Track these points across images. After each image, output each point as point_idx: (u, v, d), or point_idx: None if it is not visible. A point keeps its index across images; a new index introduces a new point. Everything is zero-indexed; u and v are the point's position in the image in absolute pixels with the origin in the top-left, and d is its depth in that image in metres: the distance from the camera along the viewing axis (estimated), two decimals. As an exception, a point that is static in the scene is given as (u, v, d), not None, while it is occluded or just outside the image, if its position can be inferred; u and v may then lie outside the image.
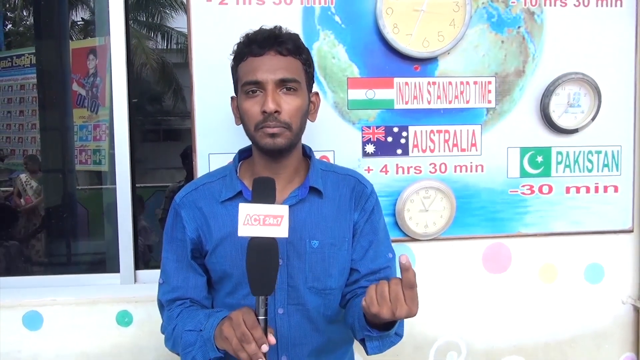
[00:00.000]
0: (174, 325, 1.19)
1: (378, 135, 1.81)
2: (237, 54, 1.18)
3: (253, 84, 1.13)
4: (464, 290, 1.90)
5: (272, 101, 1.11)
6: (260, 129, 1.14)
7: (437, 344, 1.91)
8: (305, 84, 1.19)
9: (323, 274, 1.21)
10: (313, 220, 1.21)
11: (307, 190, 1.21)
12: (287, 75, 1.13)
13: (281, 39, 1.15)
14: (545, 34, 1.84)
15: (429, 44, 1.75)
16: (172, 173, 8.09)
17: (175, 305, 1.23)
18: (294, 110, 1.14)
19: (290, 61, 1.15)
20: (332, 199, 1.24)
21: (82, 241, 3.92)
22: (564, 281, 1.93)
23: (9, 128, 4.09)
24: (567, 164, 1.89)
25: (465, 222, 1.86)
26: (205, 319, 1.13)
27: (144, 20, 11.09)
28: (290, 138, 1.15)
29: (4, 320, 1.78)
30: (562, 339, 1.96)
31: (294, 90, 1.15)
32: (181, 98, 10.76)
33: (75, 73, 3.36)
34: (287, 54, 1.15)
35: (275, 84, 1.12)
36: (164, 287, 1.26)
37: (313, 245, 1.19)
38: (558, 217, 1.90)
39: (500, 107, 1.84)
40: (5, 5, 6.71)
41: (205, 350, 1.10)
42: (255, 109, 1.13)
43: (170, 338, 1.21)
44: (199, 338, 1.11)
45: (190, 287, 1.23)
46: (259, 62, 1.13)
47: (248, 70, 1.14)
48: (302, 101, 1.17)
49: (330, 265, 1.21)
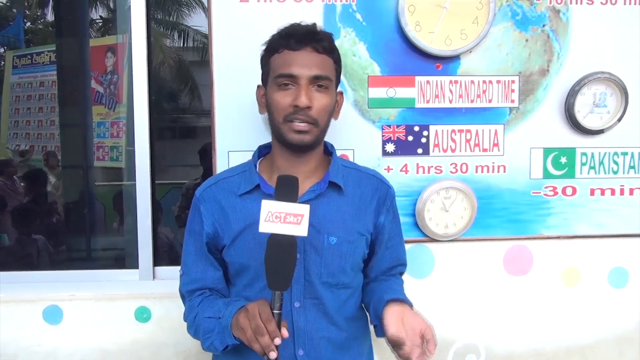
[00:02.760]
0: (195, 314, 1.23)
1: (398, 134, 1.79)
2: (272, 45, 1.20)
3: (287, 76, 1.15)
4: (484, 292, 1.87)
5: (306, 96, 1.13)
6: (288, 122, 1.16)
7: (455, 347, 1.89)
8: (335, 83, 1.22)
9: (338, 270, 1.22)
10: (332, 216, 1.22)
11: (326, 184, 1.23)
12: (321, 72, 1.16)
13: (319, 36, 1.18)
14: (570, 33, 1.80)
15: (451, 42, 1.73)
16: (187, 170, 8.13)
17: (195, 295, 1.27)
18: (323, 107, 1.17)
19: (325, 59, 1.18)
20: (352, 196, 1.26)
21: (100, 237, 3.96)
22: (587, 285, 1.90)
23: (28, 124, 4.15)
24: (592, 165, 1.85)
25: (486, 223, 1.83)
26: (224, 307, 1.16)
27: (161, 18, 11.17)
28: (316, 135, 1.18)
29: (25, 314, 1.80)
30: (584, 344, 1.92)
31: (325, 88, 1.17)
32: (197, 96, 10.82)
33: (93, 70, 3.39)
34: (323, 51, 1.17)
35: (309, 80, 1.15)
36: (185, 278, 1.29)
37: (331, 241, 1.21)
38: (582, 220, 1.86)
39: (523, 107, 1.81)
40: (25, 3, 6.79)
41: (222, 337, 1.14)
42: (286, 101, 1.15)
43: (192, 325, 1.25)
44: (218, 325, 1.15)
45: (208, 278, 1.27)
46: (295, 56, 1.15)
47: (283, 63, 1.16)
48: (331, 99, 1.20)
49: (345, 262, 1.23)
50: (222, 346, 1.15)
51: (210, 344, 1.17)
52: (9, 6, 6.44)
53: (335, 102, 1.24)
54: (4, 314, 1.79)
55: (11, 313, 1.80)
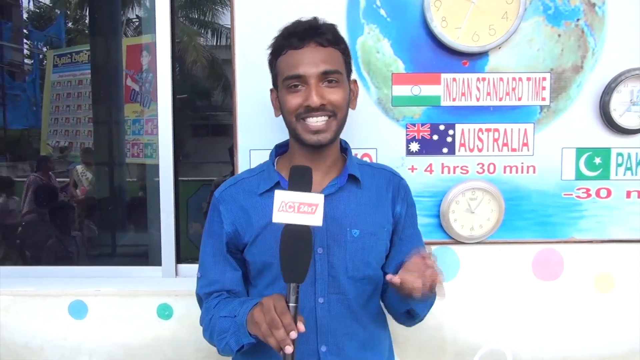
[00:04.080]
0: (211, 316, 1.21)
1: (423, 133, 1.74)
2: (276, 47, 1.19)
3: (295, 78, 1.13)
4: (512, 297, 1.81)
5: (317, 95, 1.12)
6: (301, 121, 1.15)
7: (480, 352, 1.83)
8: (346, 74, 1.19)
9: (362, 263, 1.21)
10: (353, 209, 1.21)
11: (345, 178, 1.22)
12: (329, 67, 1.13)
13: (320, 30, 1.15)
14: (607, 27, 1.71)
15: (479, 38, 1.67)
16: (219, 167, 8.22)
17: (212, 298, 1.25)
18: (338, 100, 1.15)
19: (331, 52, 1.15)
20: (369, 189, 1.25)
21: (136, 233, 4.03)
22: (621, 291, 1.81)
23: (67, 121, 4.27)
24: (628, 166, 1.76)
25: (515, 225, 1.77)
26: (240, 305, 1.14)
27: (195, 17, 11.34)
28: (335, 130, 1.17)
29: (51, 308, 1.85)
30: (617, 353, 1.83)
31: (336, 82, 1.15)
32: (230, 94, 10.95)
33: (129, 69, 3.47)
34: (328, 44, 1.15)
35: (318, 78, 1.12)
36: (202, 280, 1.28)
37: (354, 234, 1.20)
38: (616, 223, 1.78)
39: (555, 105, 1.74)
40: (66, 4, 6.99)
41: (238, 335, 1.12)
42: (297, 101, 1.14)
43: (207, 328, 1.23)
44: (233, 324, 1.13)
45: (227, 280, 1.25)
46: (299, 55, 1.13)
47: (289, 64, 1.14)
48: (345, 91, 1.17)
49: (369, 255, 1.22)
50: (237, 346, 1.13)
51: (226, 344, 1.15)
52: (52, 7, 6.64)
53: (350, 91, 1.22)
54: (31, 307, 1.84)
55: (38, 307, 1.84)
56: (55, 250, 3.65)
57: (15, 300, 1.84)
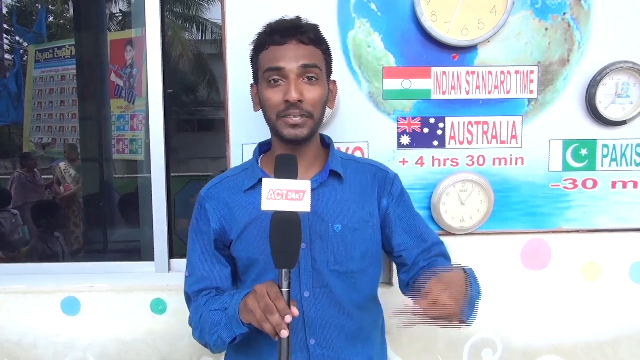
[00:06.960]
0: (201, 313, 1.22)
1: (414, 126, 1.76)
2: (258, 43, 1.21)
3: (275, 70, 1.15)
4: (501, 286, 1.84)
5: (295, 90, 1.14)
6: (282, 118, 1.16)
7: (471, 340, 1.86)
8: (325, 74, 1.21)
9: (345, 257, 1.22)
10: (335, 204, 1.23)
11: (327, 174, 1.24)
12: (308, 61, 1.15)
13: (303, 28, 1.17)
14: (592, 21, 1.75)
15: (468, 32, 1.69)
16: (206, 162, 8.19)
17: (201, 295, 1.26)
18: (315, 99, 1.17)
19: (312, 50, 1.18)
20: (352, 184, 1.26)
21: (119, 229, 4.01)
22: (607, 280, 1.85)
23: (50, 117, 4.21)
24: (613, 157, 1.80)
25: (504, 216, 1.80)
26: (230, 297, 1.16)
27: (180, 11, 11.23)
28: (311, 127, 1.18)
29: (44, 305, 1.83)
30: (604, 339, 1.88)
31: (315, 79, 1.17)
32: (215, 88, 10.89)
33: (113, 64, 3.42)
34: (309, 42, 1.17)
35: (298, 73, 1.15)
36: (190, 278, 1.30)
37: (335, 229, 1.21)
38: (602, 213, 1.82)
39: (542, 98, 1.77)
40: (49, -2, 6.88)
41: (230, 327, 1.13)
42: (277, 98, 1.16)
43: (197, 327, 1.25)
44: (224, 316, 1.14)
45: (215, 276, 1.27)
46: (281, 50, 1.16)
47: (270, 58, 1.17)
48: (323, 90, 1.19)
49: (352, 249, 1.22)
50: (229, 337, 1.14)
51: (218, 337, 1.16)
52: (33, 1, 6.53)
53: (329, 91, 1.24)
54: (24, 304, 1.83)
55: (30, 304, 1.83)
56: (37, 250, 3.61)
57: (7, 298, 1.83)
